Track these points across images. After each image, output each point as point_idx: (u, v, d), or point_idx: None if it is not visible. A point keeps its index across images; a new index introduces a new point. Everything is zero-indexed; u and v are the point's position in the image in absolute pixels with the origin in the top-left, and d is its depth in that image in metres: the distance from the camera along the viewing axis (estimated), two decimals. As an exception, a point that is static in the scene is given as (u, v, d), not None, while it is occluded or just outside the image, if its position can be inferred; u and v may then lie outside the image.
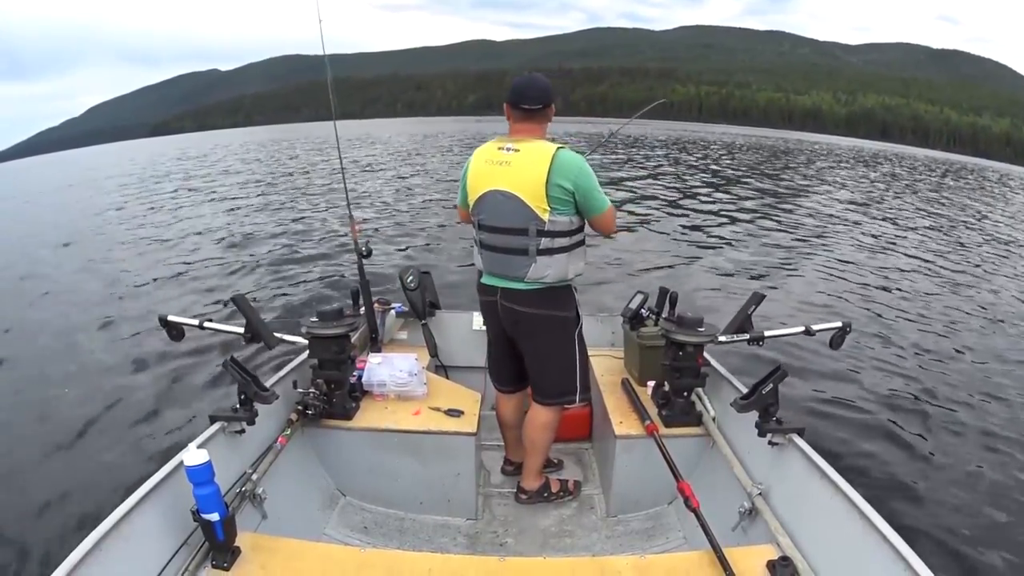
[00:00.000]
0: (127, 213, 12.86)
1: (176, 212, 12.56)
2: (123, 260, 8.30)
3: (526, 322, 2.14)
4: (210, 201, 13.82)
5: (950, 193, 21.39)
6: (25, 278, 7.52)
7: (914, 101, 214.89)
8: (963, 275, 8.48)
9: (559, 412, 2.30)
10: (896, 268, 8.66)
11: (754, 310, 2.27)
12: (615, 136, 20.16)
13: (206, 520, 1.45)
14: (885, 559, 1.35)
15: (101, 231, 10.86)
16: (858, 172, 27.31)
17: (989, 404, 4.37)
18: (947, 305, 6.93)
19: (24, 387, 4.32)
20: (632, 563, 1.63)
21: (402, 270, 3.07)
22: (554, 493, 2.43)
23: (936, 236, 11.60)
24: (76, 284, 7.11)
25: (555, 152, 1.94)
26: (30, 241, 9.99)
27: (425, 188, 15.16)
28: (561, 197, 1.95)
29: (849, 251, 9.56)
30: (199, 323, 2.10)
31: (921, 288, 7.67)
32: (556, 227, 1.98)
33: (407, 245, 8.65)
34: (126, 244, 9.52)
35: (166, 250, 8.88)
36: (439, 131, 51.74)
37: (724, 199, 14.77)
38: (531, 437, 2.32)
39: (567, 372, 2.21)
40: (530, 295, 2.08)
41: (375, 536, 2.21)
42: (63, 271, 7.81)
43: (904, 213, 14.60)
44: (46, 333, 5.39)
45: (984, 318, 6.53)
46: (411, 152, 28.43)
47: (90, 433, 3.61)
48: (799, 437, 1.85)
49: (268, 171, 21.33)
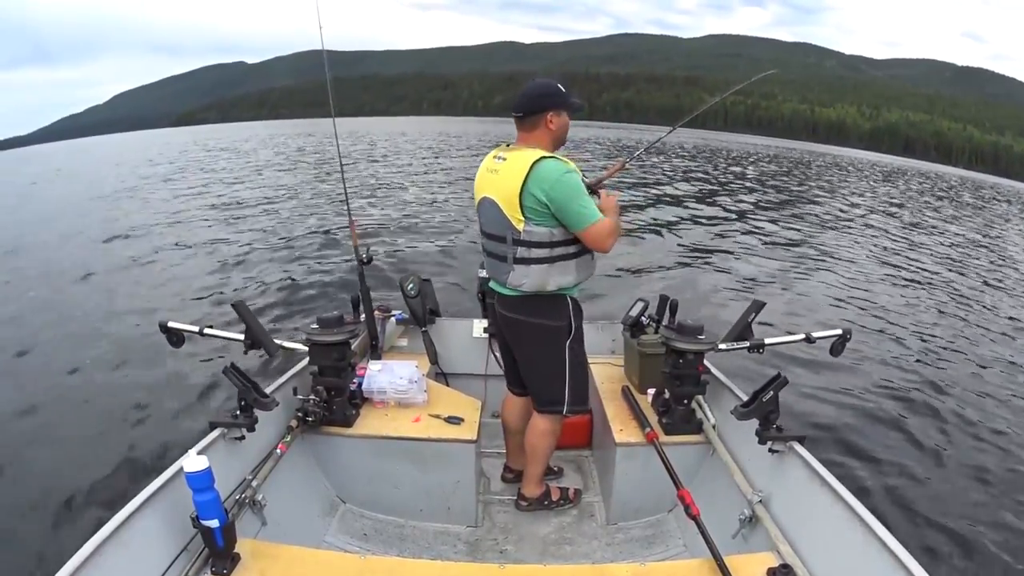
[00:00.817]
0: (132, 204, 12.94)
1: (181, 205, 12.60)
2: (120, 260, 8.36)
3: (514, 327, 2.18)
4: (219, 200, 13.84)
5: (968, 211, 21.20)
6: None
7: (938, 118, 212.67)
8: (973, 291, 8.42)
9: (558, 420, 2.28)
10: (905, 280, 8.65)
11: (754, 318, 2.29)
12: (660, 142, 20.30)
13: (206, 526, 1.45)
14: (886, 567, 1.35)
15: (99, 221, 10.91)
16: (877, 186, 26.86)
17: (993, 414, 4.37)
18: (953, 316, 6.94)
19: (23, 386, 4.32)
20: (632, 571, 1.63)
21: (402, 277, 3.08)
22: (554, 501, 2.42)
23: (951, 252, 11.47)
24: (67, 288, 7.11)
25: (534, 162, 1.91)
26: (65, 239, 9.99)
27: (442, 189, 15.16)
28: (535, 208, 1.93)
29: (860, 262, 9.55)
30: (199, 330, 2.10)
31: (929, 300, 7.67)
32: (532, 237, 1.97)
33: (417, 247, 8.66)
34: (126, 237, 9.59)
35: (165, 248, 8.92)
36: (464, 131, 51.34)
37: (738, 209, 14.71)
38: (531, 443, 2.31)
39: (555, 381, 2.18)
40: (516, 301, 2.11)
41: (375, 543, 2.20)
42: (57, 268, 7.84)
43: (921, 228, 14.43)
44: (46, 331, 5.39)
45: (991, 332, 6.53)
46: (436, 152, 28.42)
47: (89, 439, 3.59)
48: (800, 445, 1.85)
49: (291, 165, 21.39)
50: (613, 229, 1.99)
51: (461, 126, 68.17)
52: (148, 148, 34.45)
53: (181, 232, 10.17)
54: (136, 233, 10.16)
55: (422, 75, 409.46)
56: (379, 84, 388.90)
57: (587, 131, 62.62)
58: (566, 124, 2.07)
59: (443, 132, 51.67)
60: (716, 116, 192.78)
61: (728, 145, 56.90)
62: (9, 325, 5.69)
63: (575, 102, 2.07)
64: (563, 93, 2.04)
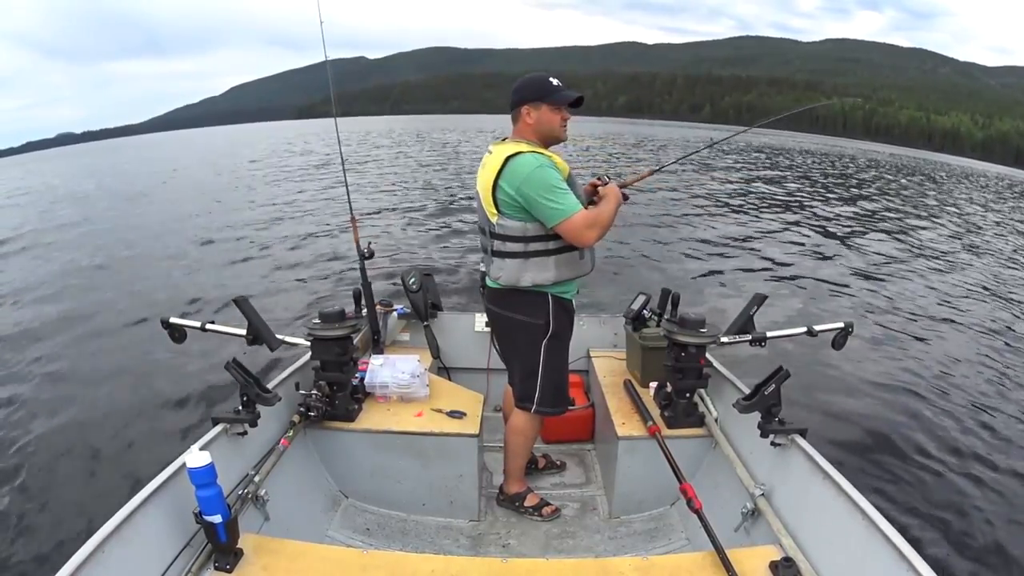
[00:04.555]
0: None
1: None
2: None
3: (495, 319, 2.21)
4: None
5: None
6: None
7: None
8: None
9: (533, 419, 2.25)
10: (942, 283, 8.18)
11: (756, 311, 2.28)
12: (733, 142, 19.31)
13: (208, 522, 1.45)
14: (888, 560, 1.35)
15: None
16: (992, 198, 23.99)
17: (996, 407, 4.36)
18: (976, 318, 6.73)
19: (25, 385, 4.33)
20: (635, 564, 1.63)
21: (404, 271, 3.08)
22: (525, 506, 2.35)
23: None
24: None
25: (508, 157, 1.91)
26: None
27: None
28: (507, 201, 1.93)
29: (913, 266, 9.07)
30: (201, 325, 2.10)
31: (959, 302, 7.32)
32: (505, 231, 1.97)
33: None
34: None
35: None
36: (587, 132, 50.32)
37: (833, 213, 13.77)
38: (506, 438, 2.33)
39: (528, 378, 2.17)
40: (497, 294, 2.12)
41: (377, 538, 2.21)
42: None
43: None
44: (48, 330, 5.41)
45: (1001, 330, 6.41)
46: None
47: (91, 434, 3.61)
48: (802, 438, 1.85)
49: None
50: (594, 221, 1.91)
51: (587, 127, 66.78)
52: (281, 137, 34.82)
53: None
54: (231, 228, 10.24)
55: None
56: (502, 82, 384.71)
57: (707, 133, 60.64)
58: (547, 118, 2.00)
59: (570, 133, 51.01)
60: (835, 123, 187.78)
61: (844, 150, 53.89)
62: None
63: (558, 96, 1.98)
64: (540, 88, 1.98)
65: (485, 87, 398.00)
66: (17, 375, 4.61)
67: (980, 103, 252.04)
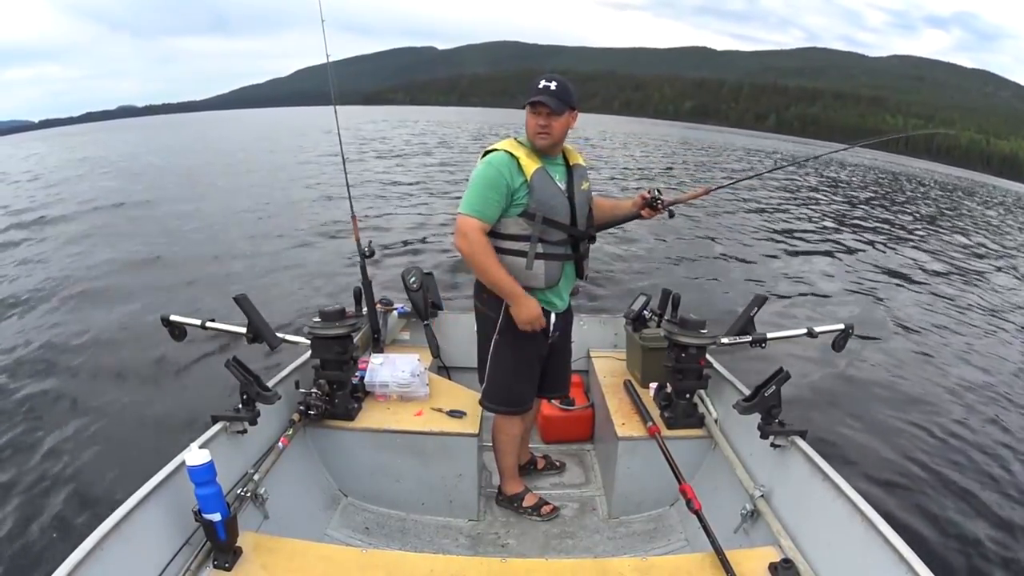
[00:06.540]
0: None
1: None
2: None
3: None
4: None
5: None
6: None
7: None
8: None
9: (505, 419, 2.24)
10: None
11: (756, 312, 2.28)
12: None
13: (208, 520, 1.45)
14: (887, 561, 1.34)
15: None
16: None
17: (996, 408, 4.36)
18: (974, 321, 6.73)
19: (26, 383, 4.33)
20: (634, 565, 1.62)
21: (404, 270, 3.07)
22: (523, 507, 2.35)
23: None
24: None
25: (485, 153, 1.97)
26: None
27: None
28: None
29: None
30: (201, 323, 2.10)
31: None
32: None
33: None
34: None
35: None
36: (651, 133, 49.62)
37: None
38: (491, 437, 2.35)
39: (481, 368, 2.19)
40: (475, 283, 2.13)
41: (377, 537, 2.21)
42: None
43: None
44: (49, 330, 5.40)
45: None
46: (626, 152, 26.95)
47: (90, 431, 3.60)
48: (801, 439, 1.85)
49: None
50: (469, 239, 1.88)
51: (652, 128, 65.92)
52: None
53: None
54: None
55: (614, 74, 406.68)
56: (570, 80, 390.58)
57: (773, 144, 58.03)
58: (527, 120, 1.96)
59: (631, 133, 49.59)
60: (897, 141, 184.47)
61: (907, 170, 51.25)
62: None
63: (529, 99, 1.92)
64: (527, 89, 1.95)
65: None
66: (16, 375, 4.60)
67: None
